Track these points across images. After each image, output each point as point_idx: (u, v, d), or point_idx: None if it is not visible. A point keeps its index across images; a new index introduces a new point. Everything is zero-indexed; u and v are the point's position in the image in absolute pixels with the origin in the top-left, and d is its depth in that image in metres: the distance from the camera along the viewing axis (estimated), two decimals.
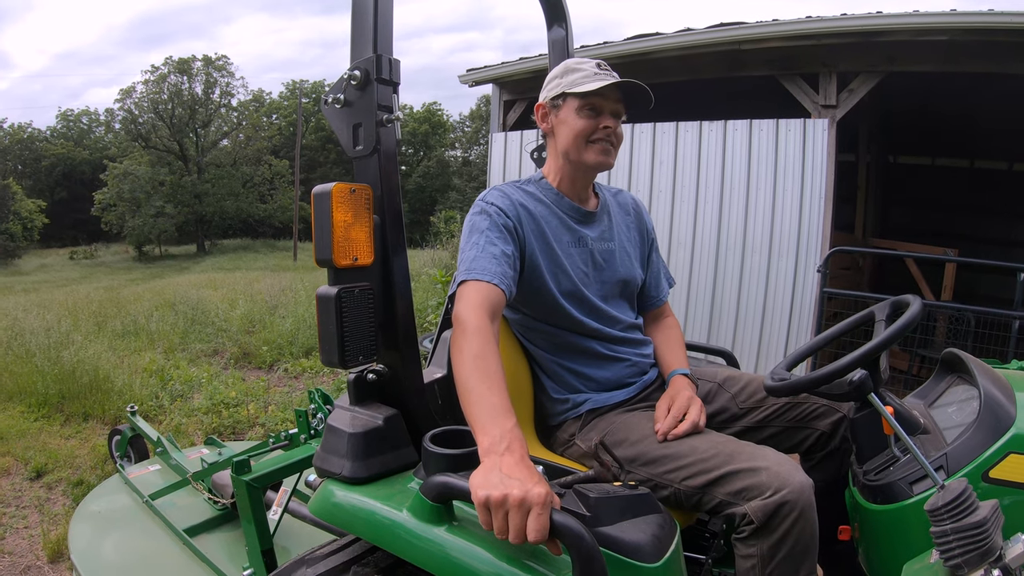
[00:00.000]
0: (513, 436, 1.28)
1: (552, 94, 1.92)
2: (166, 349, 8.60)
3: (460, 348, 1.49)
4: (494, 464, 1.22)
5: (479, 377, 1.42)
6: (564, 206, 1.97)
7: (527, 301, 1.92)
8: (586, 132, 1.86)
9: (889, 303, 1.89)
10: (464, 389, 1.42)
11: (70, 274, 30.83)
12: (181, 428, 5.48)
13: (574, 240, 1.96)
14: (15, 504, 4.29)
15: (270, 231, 47.31)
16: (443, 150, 57.00)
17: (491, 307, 1.61)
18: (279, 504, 2.70)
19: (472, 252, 1.73)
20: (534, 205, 1.91)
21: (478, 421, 1.34)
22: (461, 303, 1.61)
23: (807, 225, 5.72)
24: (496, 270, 1.69)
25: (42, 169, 51.64)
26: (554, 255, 1.90)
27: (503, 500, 1.14)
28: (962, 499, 1.22)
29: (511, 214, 1.83)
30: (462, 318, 1.55)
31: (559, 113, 1.91)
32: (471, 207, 1.89)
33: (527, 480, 1.17)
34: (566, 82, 1.87)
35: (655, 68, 6.44)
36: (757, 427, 1.91)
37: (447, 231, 15.13)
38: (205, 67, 44.52)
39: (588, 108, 1.85)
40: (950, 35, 5.17)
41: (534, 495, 1.14)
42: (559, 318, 1.92)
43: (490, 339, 1.51)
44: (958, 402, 1.71)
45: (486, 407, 1.35)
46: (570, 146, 1.89)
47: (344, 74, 1.51)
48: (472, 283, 1.66)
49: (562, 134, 1.91)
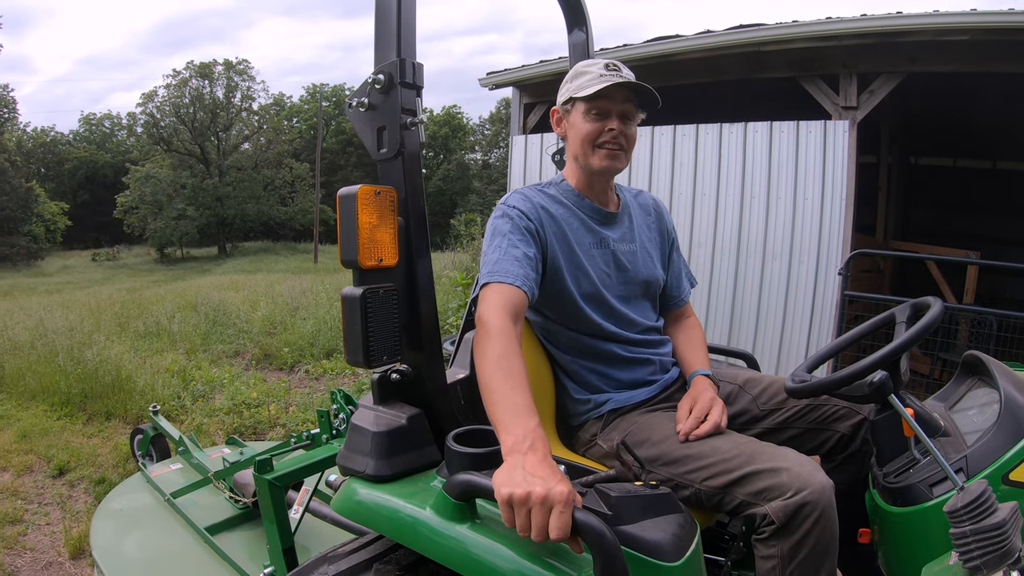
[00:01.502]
0: (536, 435, 1.29)
1: (563, 99, 1.94)
2: (188, 350, 8.68)
3: (483, 349, 1.51)
4: (517, 463, 1.23)
5: (502, 377, 1.43)
6: (585, 208, 1.97)
7: (548, 303, 1.93)
8: (592, 136, 1.87)
9: (910, 305, 1.88)
10: (487, 389, 1.43)
11: (92, 275, 31.16)
12: (203, 428, 5.54)
13: (596, 241, 1.96)
14: (37, 501, 4.35)
15: (291, 234, 47.64)
16: (463, 153, 57.19)
17: (513, 309, 1.62)
18: (300, 503, 2.72)
19: (495, 255, 1.74)
20: (555, 208, 1.92)
21: (501, 421, 1.35)
22: (484, 305, 1.62)
23: (828, 227, 5.68)
24: (518, 272, 1.70)
25: (65, 172, 52.38)
26: (575, 257, 1.90)
27: (526, 498, 1.15)
28: (982, 501, 1.22)
29: (533, 217, 1.84)
30: (485, 320, 1.56)
31: (569, 118, 1.93)
32: (493, 211, 1.90)
33: (550, 478, 1.18)
34: (573, 86, 1.88)
35: (676, 70, 6.41)
36: (778, 429, 1.91)
37: (467, 234, 15.12)
38: (226, 71, 45.05)
39: (594, 112, 1.86)
40: (971, 35, 5.12)
41: (556, 493, 1.15)
42: (580, 321, 1.92)
43: (512, 340, 1.52)
44: (978, 405, 1.70)
45: (509, 407, 1.36)
46: (578, 150, 1.92)
47: (368, 78, 1.52)
48: (495, 285, 1.67)
49: (572, 138, 1.94)
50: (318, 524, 2.97)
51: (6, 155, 38.06)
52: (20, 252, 36.57)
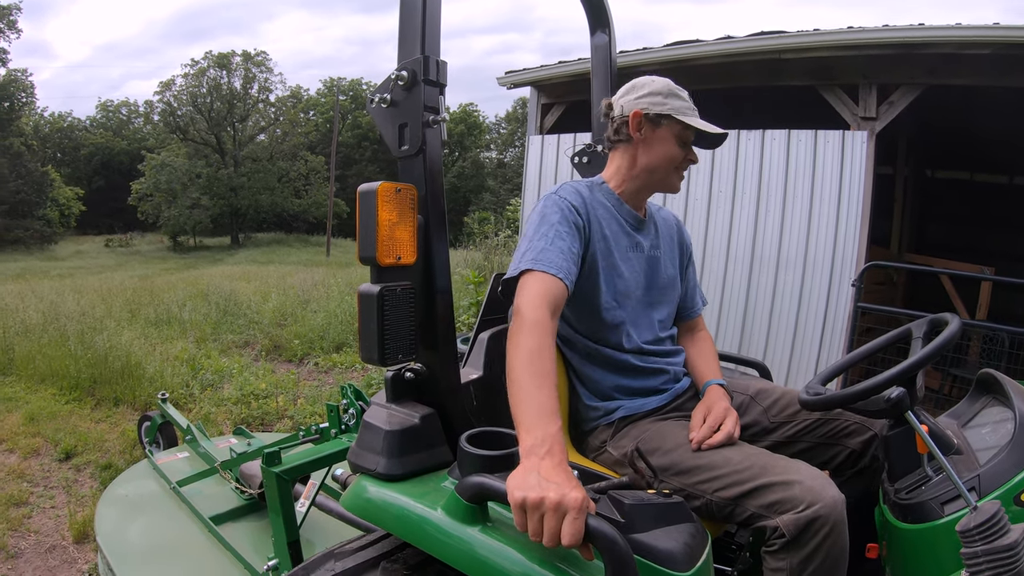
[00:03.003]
0: (555, 440, 1.29)
1: (655, 110, 1.91)
2: (198, 339, 8.72)
3: (517, 342, 1.48)
4: (533, 466, 1.23)
5: (531, 374, 1.41)
6: (623, 212, 1.99)
7: (573, 301, 1.90)
8: (677, 159, 1.94)
9: (927, 321, 1.87)
10: (514, 384, 1.42)
11: (105, 261, 31.32)
12: (210, 417, 5.57)
13: (632, 245, 1.98)
14: (43, 484, 4.38)
15: (304, 226, 47.73)
16: (478, 151, 57.14)
17: (553, 302, 1.60)
18: (307, 497, 2.72)
19: (541, 243, 1.72)
20: (600, 208, 1.93)
21: (524, 419, 1.34)
22: (524, 295, 1.60)
23: (843, 238, 5.65)
24: (563, 265, 1.68)
25: (81, 158, 52.66)
26: (612, 258, 1.91)
27: (539, 503, 1.15)
28: (994, 521, 1.22)
29: (582, 212, 1.84)
30: (523, 311, 1.54)
31: (656, 130, 1.93)
32: (542, 197, 1.89)
33: (564, 484, 1.18)
34: (671, 106, 1.90)
35: (695, 75, 6.36)
36: (788, 442, 1.89)
37: (480, 232, 15.13)
38: (244, 62, 45.15)
39: (682, 139, 1.93)
40: (992, 49, 5.08)
41: (570, 500, 1.14)
42: (600, 323, 1.92)
43: (548, 336, 1.50)
44: (992, 423, 1.69)
45: (534, 406, 1.35)
46: (659, 166, 1.95)
47: (391, 74, 1.52)
48: (538, 275, 1.65)
49: (654, 152, 1.95)
50: (323, 518, 2.98)
51: (23, 139, 38.30)
52: (34, 236, 36.77)
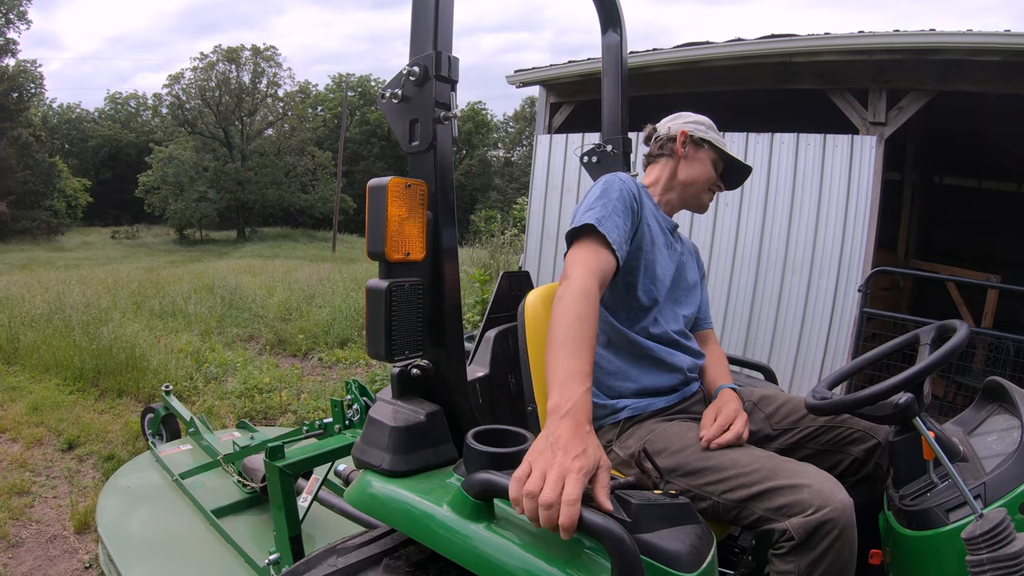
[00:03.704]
0: (580, 400, 1.31)
1: (700, 135, 2.16)
2: (203, 332, 8.73)
3: (564, 305, 1.51)
4: (551, 427, 1.26)
5: (572, 338, 1.44)
6: (660, 216, 2.11)
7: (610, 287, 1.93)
8: (711, 181, 2.18)
9: (935, 327, 1.86)
10: (554, 345, 1.44)
11: (111, 253, 31.38)
12: (213, 410, 5.57)
13: (668, 243, 2.06)
14: (45, 474, 4.39)
15: (310, 221, 47.82)
16: (486, 149, 57.23)
17: (603, 274, 1.65)
18: (309, 492, 2.72)
19: (603, 210, 1.76)
20: (647, 202, 2.04)
21: (555, 379, 1.37)
22: (578, 260, 1.65)
23: (850, 243, 5.64)
24: (619, 239, 1.74)
25: (88, 149, 52.82)
26: (654, 249, 1.96)
27: (543, 460, 1.19)
28: (1000, 529, 1.23)
29: (638, 198, 1.90)
30: (574, 276, 1.58)
31: (698, 151, 2.17)
32: (602, 178, 1.94)
33: (573, 448, 1.20)
34: (713, 136, 2.17)
35: (704, 77, 6.37)
36: (791, 449, 1.90)
37: (487, 230, 15.14)
38: (253, 57, 45.18)
39: (716, 165, 2.18)
40: (1003, 56, 5.06)
41: (571, 466, 1.17)
42: (632, 304, 1.94)
43: (594, 305, 1.53)
44: (999, 431, 1.68)
45: (566, 368, 1.37)
46: (695, 181, 2.17)
47: (403, 69, 1.51)
48: (594, 244, 1.70)
49: (693, 170, 2.17)
50: (324, 513, 2.98)
51: (31, 130, 38.36)
52: (41, 226, 36.85)
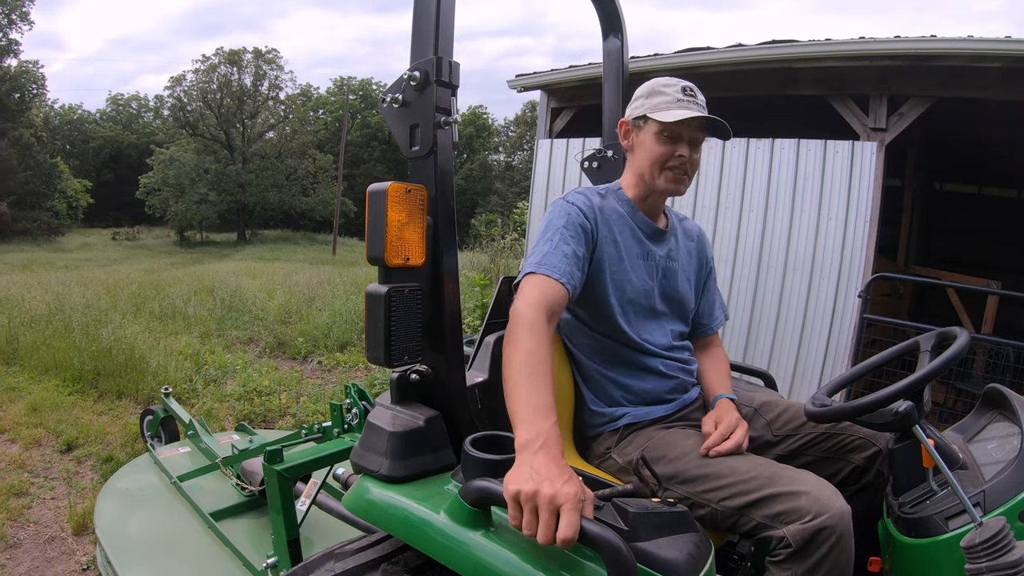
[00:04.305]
0: (549, 435, 1.30)
1: (635, 114, 1.95)
2: (202, 334, 8.74)
3: (513, 342, 1.50)
4: (526, 461, 1.24)
5: (526, 373, 1.42)
6: (637, 219, 2.00)
7: (584, 303, 1.93)
8: (662, 159, 1.90)
9: (935, 334, 1.86)
10: (510, 382, 1.43)
11: (112, 254, 31.40)
12: (213, 413, 5.57)
13: (642, 253, 1.98)
14: (44, 475, 4.39)
15: (311, 224, 47.89)
16: (486, 153, 57.33)
17: (551, 305, 1.61)
18: (308, 496, 2.72)
19: (545, 247, 1.74)
20: (611, 213, 1.94)
21: (518, 416, 1.35)
22: (521, 297, 1.62)
23: (850, 249, 5.64)
24: (564, 268, 1.70)
25: (90, 150, 52.92)
26: (622, 265, 1.91)
27: (533, 495, 1.16)
28: (1000, 537, 1.22)
29: (590, 216, 1.85)
30: (519, 313, 1.56)
31: (639, 134, 1.95)
32: (551, 205, 1.90)
33: (558, 478, 1.19)
34: (649, 104, 1.90)
35: (705, 82, 6.24)
36: (791, 455, 1.88)
37: (487, 235, 15.13)
38: (255, 59, 45.26)
39: (666, 135, 1.88)
40: (1004, 62, 5.06)
41: (564, 494, 1.15)
42: (610, 325, 1.92)
43: (543, 337, 1.51)
44: (998, 438, 1.68)
45: (530, 403, 1.37)
46: (645, 169, 1.94)
47: (404, 74, 1.52)
48: (538, 277, 1.67)
49: (639, 156, 1.96)
50: (323, 517, 2.97)
51: (32, 130, 38.42)
52: (42, 227, 36.89)
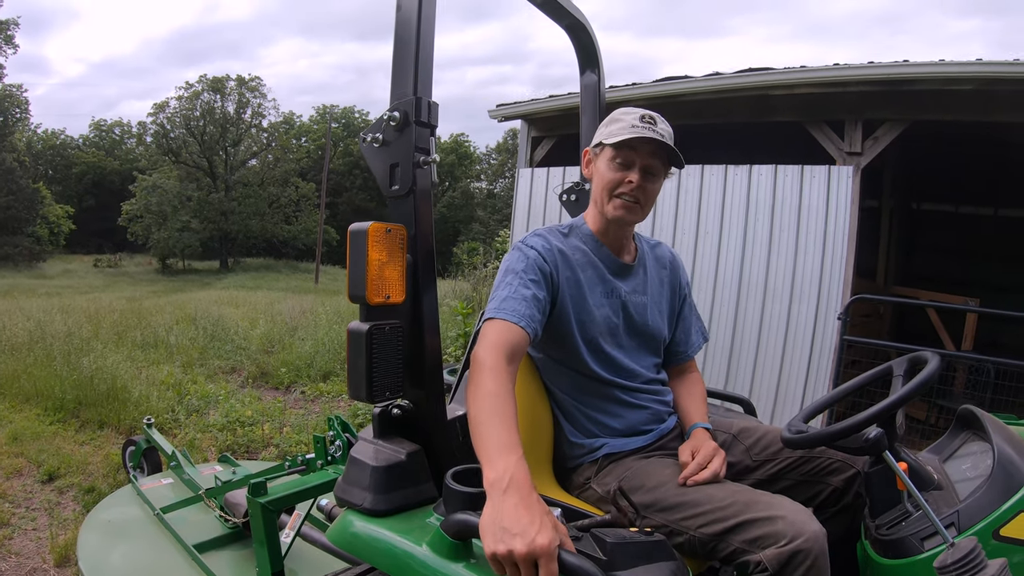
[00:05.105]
0: (516, 469, 1.30)
1: (594, 142, 1.96)
2: (184, 363, 8.67)
3: (475, 385, 1.51)
4: (497, 507, 1.24)
5: (490, 412, 1.44)
6: (602, 255, 2.00)
7: (553, 344, 1.95)
8: (612, 184, 1.88)
9: (907, 359, 1.90)
10: (475, 423, 1.45)
11: (93, 281, 31.20)
12: (195, 443, 5.53)
13: (607, 291, 1.98)
14: (25, 505, 4.34)
15: (293, 252, 47.82)
16: (468, 181, 57.50)
17: (511, 348, 1.62)
18: (292, 527, 2.71)
19: (504, 292, 1.75)
20: (572, 252, 1.94)
21: (485, 454, 1.37)
22: (482, 342, 1.63)
23: (829, 272, 5.70)
24: (524, 312, 1.71)
25: (72, 176, 52.75)
26: (585, 304, 1.92)
27: (508, 555, 1.17)
28: (971, 557, 1.24)
29: (548, 259, 1.86)
30: (480, 357, 1.57)
31: (596, 161, 1.95)
32: (510, 249, 1.92)
33: (529, 528, 1.19)
34: (605, 132, 1.90)
35: (683, 110, 6.47)
36: (771, 480, 1.91)
37: (469, 263, 15.15)
38: (238, 87, 45.36)
39: (619, 160, 1.87)
40: (975, 84, 5.18)
41: (538, 548, 1.16)
42: (579, 363, 1.94)
43: (505, 379, 1.52)
44: (972, 457, 1.72)
45: (494, 441, 1.38)
46: (597, 195, 1.95)
47: (384, 114, 1.55)
48: (497, 322, 1.68)
49: (594, 183, 1.97)
50: (307, 548, 2.96)
51: (15, 155, 38.31)
52: (23, 252, 36.67)
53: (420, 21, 1.53)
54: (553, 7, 2.21)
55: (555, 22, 2.33)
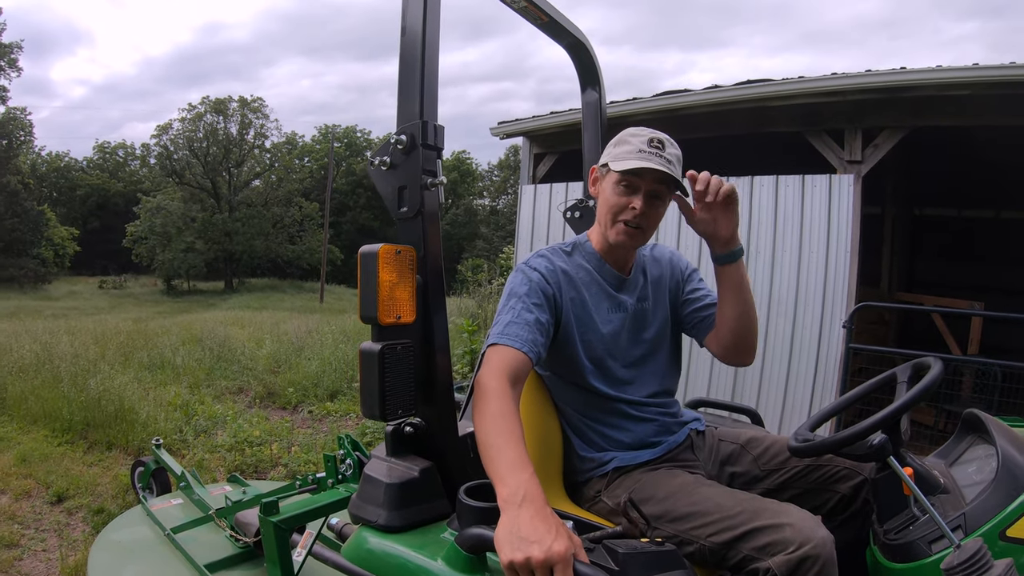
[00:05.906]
0: (529, 486, 1.32)
1: (601, 161, 1.96)
2: (191, 384, 8.69)
3: (481, 410, 1.53)
4: (513, 519, 1.26)
5: (497, 432, 1.46)
6: (605, 273, 2.02)
7: (559, 364, 1.98)
8: (615, 209, 1.89)
9: (911, 365, 1.91)
10: (484, 445, 1.46)
11: (99, 303, 31.25)
12: (204, 464, 5.53)
13: (613, 306, 2.00)
14: (35, 526, 4.35)
15: (298, 272, 47.81)
16: (471, 198, 57.72)
17: (514, 373, 1.64)
18: (303, 546, 2.72)
19: (507, 316, 1.78)
20: (576, 271, 1.97)
21: (496, 473, 1.38)
22: (486, 368, 1.65)
23: (832, 280, 5.71)
24: (526, 337, 1.73)
25: (77, 198, 52.97)
26: (591, 323, 1.95)
27: (525, 563, 1.19)
28: (977, 558, 1.26)
29: (551, 281, 1.88)
30: (483, 383, 1.59)
31: (602, 182, 1.96)
32: (514, 269, 1.94)
33: (545, 536, 1.21)
34: (613, 153, 1.89)
35: (684, 123, 6.49)
36: (779, 489, 1.93)
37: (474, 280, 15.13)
38: (241, 108, 45.57)
39: (624, 184, 1.87)
40: (973, 89, 5.20)
41: (555, 554, 1.18)
42: (585, 381, 1.96)
43: (509, 401, 1.54)
44: (977, 463, 1.73)
45: (504, 460, 1.39)
46: (602, 217, 1.96)
47: (391, 138, 1.58)
48: (500, 348, 1.70)
49: (600, 204, 1.97)
50: (319, 567, 2.97)
51: (19, 177, 38.51)
52: (28, 275, 36.80)
53: (425, 45, 1.56)
54: (553, 27, 2.24)
55: (555, 41, 2.37)
